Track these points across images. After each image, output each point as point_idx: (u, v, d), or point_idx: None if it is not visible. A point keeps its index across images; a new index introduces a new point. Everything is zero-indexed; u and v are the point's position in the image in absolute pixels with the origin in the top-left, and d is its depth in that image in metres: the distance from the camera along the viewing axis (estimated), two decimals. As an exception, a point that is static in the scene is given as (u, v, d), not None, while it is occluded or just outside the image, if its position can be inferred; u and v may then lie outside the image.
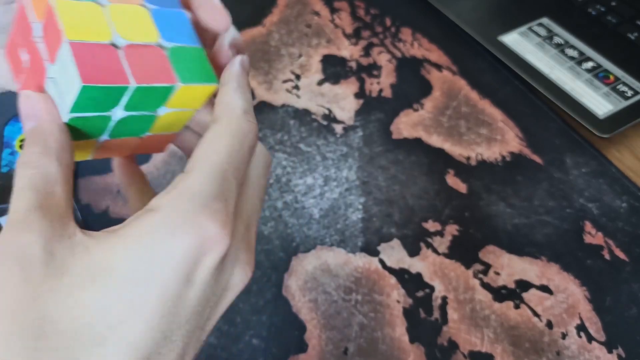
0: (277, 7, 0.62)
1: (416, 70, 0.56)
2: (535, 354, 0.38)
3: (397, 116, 0.52)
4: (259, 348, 0.37)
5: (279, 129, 0.50)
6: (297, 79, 0.54)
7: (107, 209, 0.44)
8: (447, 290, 0.41)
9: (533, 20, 0.59)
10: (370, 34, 0.59)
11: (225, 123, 0.21)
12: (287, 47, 0.57)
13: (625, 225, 0.45)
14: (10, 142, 0.45)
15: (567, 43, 0.56)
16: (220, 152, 0.20)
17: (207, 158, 0.20)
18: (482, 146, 0.50)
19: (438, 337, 0.38)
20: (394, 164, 0.48)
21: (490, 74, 0.56)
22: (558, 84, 0.52)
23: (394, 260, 0.42)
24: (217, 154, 0.20)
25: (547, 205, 0.46)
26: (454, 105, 0.53)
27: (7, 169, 0.43)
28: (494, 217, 0.45)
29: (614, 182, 0.47)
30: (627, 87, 0.52)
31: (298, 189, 0.46)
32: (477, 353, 0.38)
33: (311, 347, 0.38)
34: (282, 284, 0.40)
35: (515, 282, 0.41)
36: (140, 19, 0.23)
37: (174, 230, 0.19)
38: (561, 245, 0.43)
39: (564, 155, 0.49)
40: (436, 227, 0.44)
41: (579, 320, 0.39)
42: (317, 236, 0.43)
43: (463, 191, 0.47)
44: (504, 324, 0.39)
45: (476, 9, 0.61)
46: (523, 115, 0.52)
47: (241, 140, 0.21)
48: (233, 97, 0.22)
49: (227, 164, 0.20)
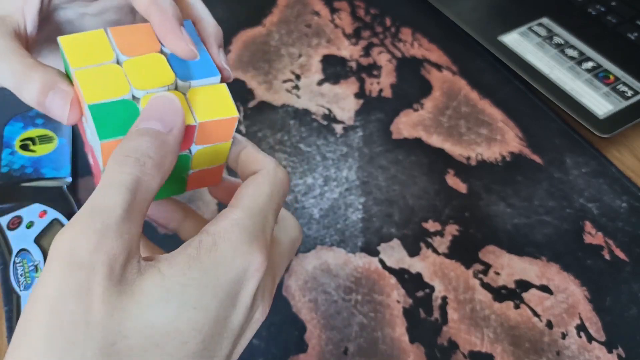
0: (277, 7, 0.62)
1: (416, 70, 0.56)
2: (535, 354, 0.38)
3: (397, 116, 0.52)
4: (259, 348, 0.37)
5: (279, 129, 0.50)
6: (297, 79, 0.54)
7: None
8: (447, 290, 0.41)
9: (533, 20, 0.59)
10: (370, 34, 0.59)
11: (264, 172, 0.24)
12: (287, 47, 0.57)
13: (625, 225, 0.45)
14: (10, 142, 0.45)
15: (567, 43, 0.56)
16: (263, 194, 0.23)
17: (254, 198, 0.23)
18: (482, 146, 0.50)
19: (438, 337, 0.38)
20: (394, 164, 0.48)
21: (490, 74, 0.56)
22: (558, 84, 0.52)
23: (394, 260, 0.42)
24: (261, 195, 0.23)
25: (547, 205, 0.46)
26: (454, 105, 0.53)
27: (7, 169, 0.43)
28: (494, 217, 0.45)
29: (614, 182, 0.47)
30: (627, 87, 0.52)
31: (298, 189, 0.46)
32: (477, 353, 0.38)
33: (311, 347, 0.38)
34: (282, 284, 0.40)
35: (515, 282, 0.41)
36: (157, 65, 0.24)
37: (230, 255, 0.21)
38: (561, 245, 0.43)
39: (564, 155, 0.49)
40: (436, 227, 0.44)
41: (579, 320, 0.39)
42: (317, 236, 0.43)
43: (463, 191, 0.47)
44: (504, 324, 0.39)
45: (476, 9, 0.61)
46: (523, 115, 0.52)
47: (278, 186, 0.24)
48: (260, 153, 0.26)
49: (268, 205, 0.23)
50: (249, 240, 0.21)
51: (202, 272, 0.20)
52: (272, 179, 0.24)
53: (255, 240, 0.22)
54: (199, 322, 0.19)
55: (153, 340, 0.18)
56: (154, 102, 0.22)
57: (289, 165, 0.47)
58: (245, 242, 0.21)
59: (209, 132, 0.24)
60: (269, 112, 0.51)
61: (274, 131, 0.50)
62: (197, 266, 0.20)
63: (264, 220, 0.23)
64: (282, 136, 0.49)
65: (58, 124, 0.47)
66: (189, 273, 0.20)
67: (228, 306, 0.21)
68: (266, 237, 0.23)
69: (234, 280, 0.21)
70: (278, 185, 0.24)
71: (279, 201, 0.24)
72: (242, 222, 0.22)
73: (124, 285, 0.18)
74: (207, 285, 0.20)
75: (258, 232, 0.22)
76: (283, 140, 0.49)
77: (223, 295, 0.20)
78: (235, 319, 0.21)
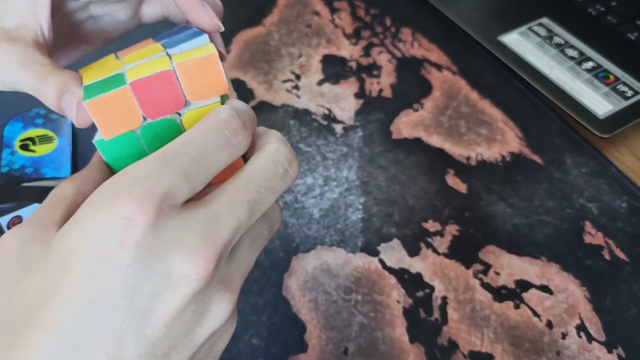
0: (277, 7, 0.62)
1: (416, 70, 0.56)
2: (535, 354, 0.38)
3: (397, 116, 0.52)
4: (259, 348, 0.37)
5: (279, 129, 0.50)
6: (297, 79, 0.54)
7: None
8: (447, 290, 0.41)
9: (533, 20, 0.59)
10: (370, 34, 0.59)
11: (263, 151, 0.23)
12: (287, 47, 0.57)
13: (625, 225, 0.45)
14: (10, 142, 0.45)
15: (567, 43, 0.56)
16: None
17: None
18: (482, 146, 0.50)
19: (438, 337, 0.38)
20: (394, 164, 0.48)
21: (490, 74, 0.56)
22: (558, 84, 0.52)
23: (394, 260, 0.42)
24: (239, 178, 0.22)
25: (547, 205, 0.46)
26: (454, 105, 0.53)
27: (6, 169, 0.43)
28: (494, 217, 0.45)
29: (614, 182, 0.47)
30: (627, 87, 0.52)
31: (298, 189, 0.46)
32: (477, 353, 0.38)
33: (311, 347, 0.38)
34: (282, 284, 0.40)
35: (515, 282, 0.41)
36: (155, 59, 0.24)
37: (105, 203, 0.19)
38: (561, 245, 0.43)
39: (564, 155, 0.49)
40: (436, 227, 0.44)
41: (579, 320, 0.39)
42: (317, 236, 0.43)
43: (463, 191, 0.47)
44: (504, 324, 0.39)
45: (476, 9, 0.61)
46: (523, 115, 0.52)
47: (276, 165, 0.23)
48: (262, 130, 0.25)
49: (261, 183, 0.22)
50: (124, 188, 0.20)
51: (69, 231, 0.20)
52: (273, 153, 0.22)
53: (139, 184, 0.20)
54: (52, 285, 0.19)
55: (20, 305, 0.19)
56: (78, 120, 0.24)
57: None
58: (117, 191, 0.20)
59: (194, 80, 0.23)
60: (269, 112, 0.51)
61: (274, 131, 0.50)
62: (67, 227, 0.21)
63: (165, 168, 0.20)
64: (282, 136, 0.49)
65: (58, 124, 0.47)
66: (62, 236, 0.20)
67: (97, 264, 0.19)
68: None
69: (111, 230, 0.19)
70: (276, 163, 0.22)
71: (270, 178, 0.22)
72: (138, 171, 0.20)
73: (21, 263, 0.20)
74: (66, 245, 0.20)
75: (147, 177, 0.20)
76: (283, 140, 0.49)
77: (87, 255, 0.19)
78: (113, 278, 0.19)
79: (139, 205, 0.18)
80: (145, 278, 0.18)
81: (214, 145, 0.21)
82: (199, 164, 0.20)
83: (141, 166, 0.20)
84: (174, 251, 0.19)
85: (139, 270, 0.18)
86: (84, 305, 0.18)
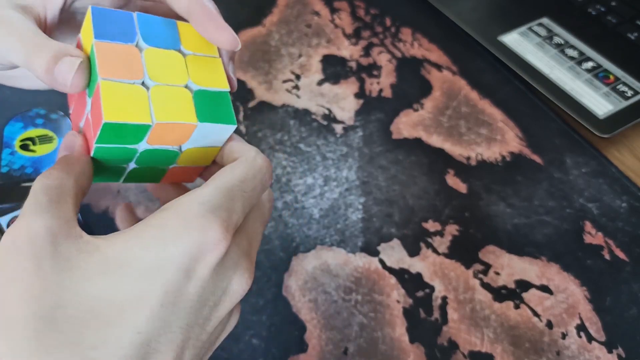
0: (277, 7, 0.62)
1: (416, 70, 0.56)
2: (535, 354, 0.38)
3: (397, 116, 0.52)
4: (259, 348, 0.37)
5: (279, 129, 0.50)
6: (297, 79, 0.54)
7: (106, 209, 0.44)
8: (447, 290, 0.41)
9: (533, 20, 0.59)
10: (370, 34, 0.59)
11: (242, 158, 0.25)
12: (287, 47, 0.57)
13: (625, 225, 0.45)
14: (10, 142, 0.45)
15: (567, 43, 0.56)
16: (234, 175, 0.24)
17: (221, 177, 0.24)
18: (482, 146, 0.50)
19: (438, 337, 0.38)
20: (394, 164, 0.48)
21: (490, 74, 0.56)
22: (558, 84, 0.52)
23: (394, 260, 0.42)
24: (230, 175, 0.24)
25: (547, 205, 0.46)
26: (454, 105, 0.53)
27: (6, 169, 0.43)
28: (494, 217, 0.45)
29: (614, 182, 0.47)
30: (627, 87, 0.53)
31: (298, 189, 0.46)
32: (477, 353, 0.38)
33: (311, 347, 0.38)
34: (282, 284, 0.40)
35: (515, 282, 0.41)
36: (182, 98, 0.24)
37: (180, 229, 0.21)
38: (561, 245, 0.43)
39: (564, 155, 0.49)
40: (436, 227, 0.44)
41: (579, 320, 0.39)
42: (317, 236, 0.43)
43: (463, 191, 0.47)
44: (504, 324, 0.39)
45: (476, 9, 0.61)
46: (523, 115, 0.52)
47: (255, 171, 0.25)
48: (244, 144, 0.26)
49: (237, 185, 0.23)
50: (205, 214, 0.22)
51: (142, 248, 0.21)
52: (248, 163, 0.25)
53: (213, 215, 0.22)
54: (140, 294, 0.20)
55: (90, 308, 0.20)
56: (63, 140, 0.25)
57: (289, 165, 0.47)
58: (200, 215, 0.22)
59: (204, 135, 0.25)
60: (269, 112, 0.51)
61: (274, 131, 0.50)
62: (137, 243, 0.21)
63: (230, 199, 0.23)
64: (282, 136, 0.49)
65: (58, 124, 0.47)
66: (127, 250, 0.21)
67: (180, 279, 0.21)
68: (231, 214, 0.23)
69: (185, 254, 0.21)
70: (255, 169, 0.25)
71: (253, 185, 0.24)
72: (202, 198, 0.22)
73: (60, 260, 0.20)
74: (149, 260, 0.21)
75: (219, 208, 0.22)
76: (283, 140, 0.49)
77: (172, 268, 0.21)
78: (190, 291, 0.21)
79: (223, 234, 0.22)
80: (213, 292, 0.22)
81: (260, 188, 0.25)
82: (251, 203, 0.24)
83: (212, 197, 0.22)
84: (232, 270, 0.23)
85: (211, 285, 0.22)
86: (168, 313, 0.21)
